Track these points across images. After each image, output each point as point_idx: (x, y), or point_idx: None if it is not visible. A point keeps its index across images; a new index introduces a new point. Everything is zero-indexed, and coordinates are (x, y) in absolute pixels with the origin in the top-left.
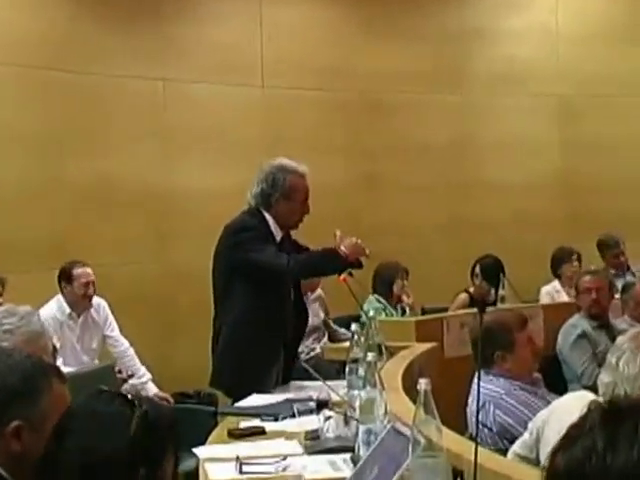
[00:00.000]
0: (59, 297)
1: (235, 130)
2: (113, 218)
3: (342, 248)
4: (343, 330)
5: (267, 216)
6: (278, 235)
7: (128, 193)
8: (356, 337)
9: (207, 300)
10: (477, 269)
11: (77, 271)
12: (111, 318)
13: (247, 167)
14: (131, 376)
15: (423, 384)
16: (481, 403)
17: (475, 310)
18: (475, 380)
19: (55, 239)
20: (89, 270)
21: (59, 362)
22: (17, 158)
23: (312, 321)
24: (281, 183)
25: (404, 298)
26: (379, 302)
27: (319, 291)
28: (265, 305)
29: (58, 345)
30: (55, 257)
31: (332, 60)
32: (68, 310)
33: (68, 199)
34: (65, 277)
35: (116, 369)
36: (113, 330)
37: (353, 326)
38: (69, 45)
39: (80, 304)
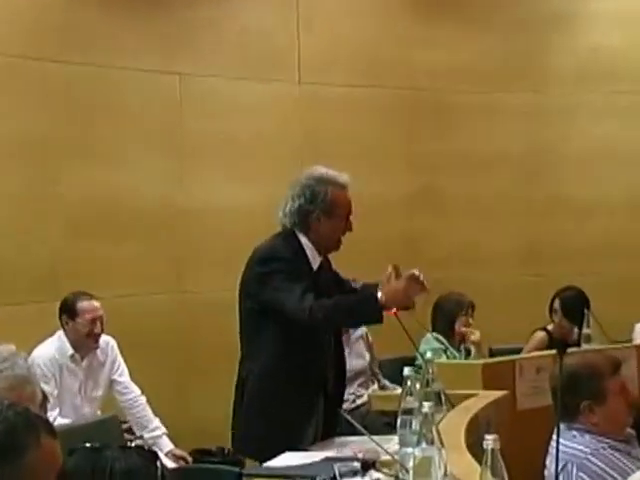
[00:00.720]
0: (60, 334)
1: (265, 135)
2: (117, 239)
3: (379, 295)
4: (393, 386)
5: (303, 240)
6: (315, 263)
7: (136, 209)
8: (410, 383)
9: (231, 337)
10: (557, 304)
11: (82, 304)
12: (120, 360)
13: (278, 179)
14: (140, 438)
15: (491, 441)
16: (562, 464)
17: (555, 352)
18: (554, 437)
19: (48, 265)
20: (96, 304)
21: (55, 413)
22: (3, 167)
23: (356, 364)
24: (322, 197)
25: (469, 337)
26: (439, 341)
27: (363, 328)
28: (299, 350)
29: (55, 392)
30: (49, 287)
31: (383, 52)
32: (70, 351)
33: (64, 216)
34: (67, 311)
35: (124, 426)
36: (122, 374)
37: (406, 370)
38: (67, 33)
39: (84, 344)
